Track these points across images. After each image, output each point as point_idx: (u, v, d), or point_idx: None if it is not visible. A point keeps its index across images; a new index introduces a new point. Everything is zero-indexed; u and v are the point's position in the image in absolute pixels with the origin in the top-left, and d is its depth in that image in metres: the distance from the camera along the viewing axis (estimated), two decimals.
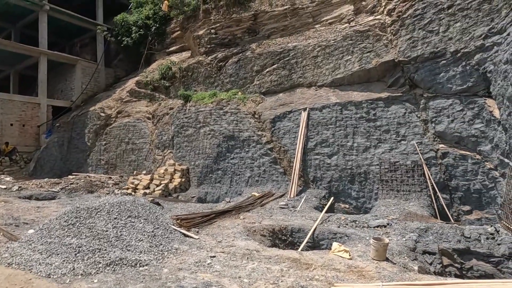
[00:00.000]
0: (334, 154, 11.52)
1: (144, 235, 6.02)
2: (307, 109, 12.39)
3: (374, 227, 7.69)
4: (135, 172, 14.86)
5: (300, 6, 14.79)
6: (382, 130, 10.91)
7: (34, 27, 22.64)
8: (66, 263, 4.95)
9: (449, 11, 10.04)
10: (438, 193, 9.59)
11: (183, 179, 14.20)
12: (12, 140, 18.51)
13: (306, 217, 8.94)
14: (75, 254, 5.10)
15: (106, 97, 20.53)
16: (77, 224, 5.93)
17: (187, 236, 6.74)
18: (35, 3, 19.95)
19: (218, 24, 16.96)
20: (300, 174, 11.82)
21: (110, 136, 18.12)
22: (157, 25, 21.52)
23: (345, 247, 6.14)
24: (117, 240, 5.63)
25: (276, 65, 14.31)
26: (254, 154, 13.09)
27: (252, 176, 12.95)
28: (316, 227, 7.81)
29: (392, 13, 11.39)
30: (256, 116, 13.71)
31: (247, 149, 13.33)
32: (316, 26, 14.42)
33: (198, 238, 6.70)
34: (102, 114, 18.68)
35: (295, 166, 11.74)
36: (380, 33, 11.64)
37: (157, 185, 13.56)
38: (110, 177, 16.40)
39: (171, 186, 13.70)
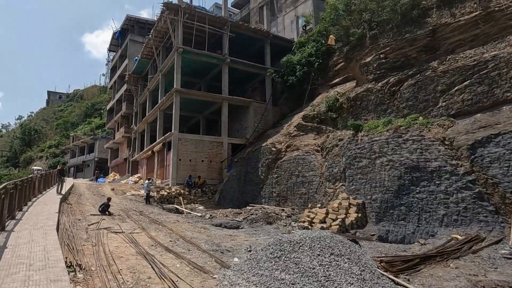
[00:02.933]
0: None
1: (353, 277, 5.34)
2: None
3: None
4: (309, 205, 14.78)
5: (496, 8, 12.31)
6: None
7: (215, 78, 26.95)
8: None
9: None
10: None
11: (359, 215, 13.16)
12: (202, 174, 21.74)
13: None
14: None
15: (275, 133, 21.92)
16: (283, 257, 5.78)
17: (399, 284, 5.70)
18: (220, 59, 23.72)
19: (388, 48, 15.93)
20: None
21: (281, 169, 18.96)
22: (320, 61, 22.07)
23: None
24: (326, 281, 5.14)
25: (468, 81, 12.09)
26: (449, 188, 10.97)
27: (448, 214, 10.79)
28: None
29: None
30: (446, 142, 11.68)
31: (437, 182, 11.33)
32: None
33: None
34: (273, 149, 19.89)
35: None
36: None
37: (333, 220, 12.97)
38: (283, 210, 16.87)
39: (347, 221, 12.87)
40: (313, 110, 19.15)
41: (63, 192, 16.45)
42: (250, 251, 8.33)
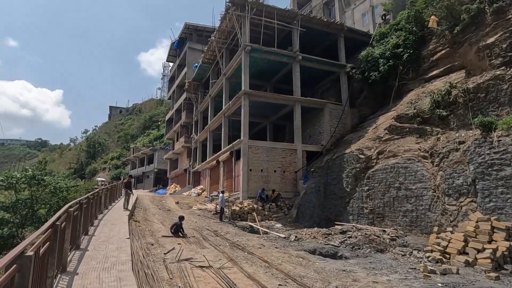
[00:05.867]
0: None
1: None
2: None
3: None
4: (436, 228, 11.36)
5: None
6: None
7: (282, 80, 24.50)
8: None
9: None
10: None
11: (511, 243, 9.58)
12: (275, 186, 19.16)
13: None
14: None
15: (358, 138, 18.76)
16: None
17: None
18: (291, 56, 21.25)
19: None
20: None
21: (374, 180, 15.73)
22: (410, 51, 18.66)
23: None
24: None
25: None
26: None
27: None
28: None
29: None
30: None
31: None
32: None
33: None
34: (362, 156, 16.73)
35: None
36: None
37: (478, 250, 9.53)
38: (384, 231, 13.63)
39: (498, 253, 9.37)
40: (413, 108, 15.74)
41: (129, 207, 14.83)
42: None
